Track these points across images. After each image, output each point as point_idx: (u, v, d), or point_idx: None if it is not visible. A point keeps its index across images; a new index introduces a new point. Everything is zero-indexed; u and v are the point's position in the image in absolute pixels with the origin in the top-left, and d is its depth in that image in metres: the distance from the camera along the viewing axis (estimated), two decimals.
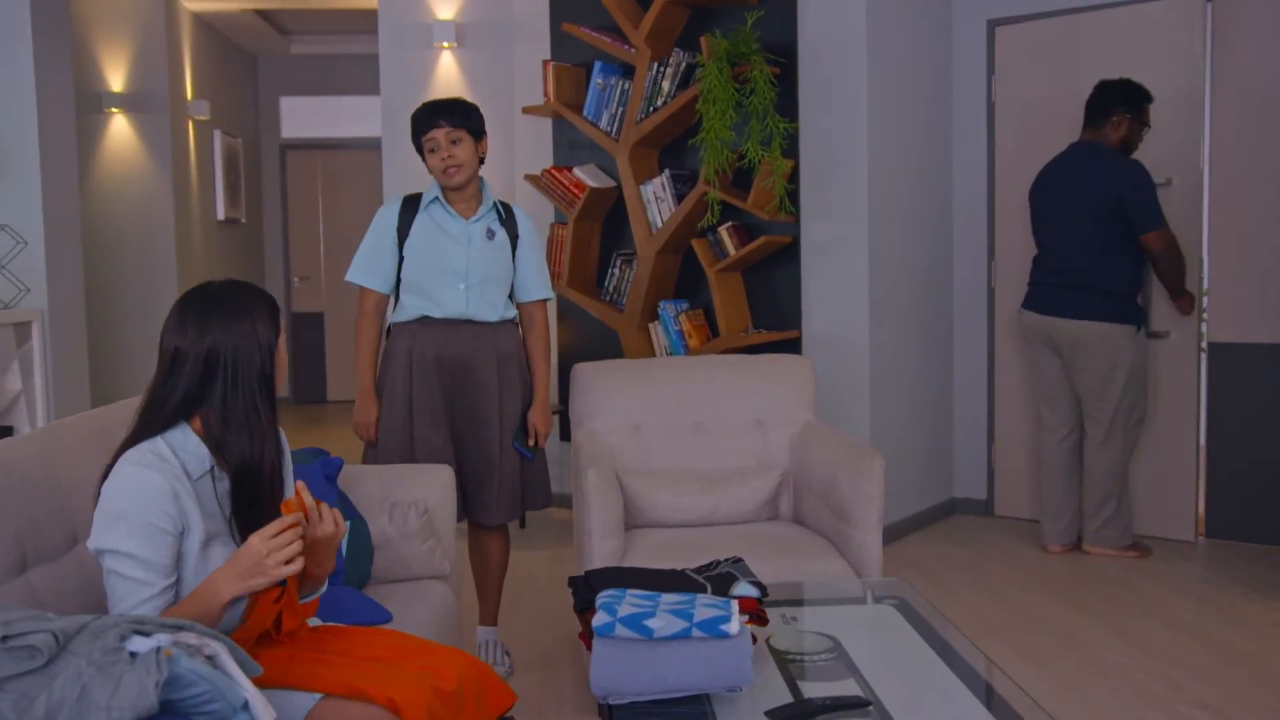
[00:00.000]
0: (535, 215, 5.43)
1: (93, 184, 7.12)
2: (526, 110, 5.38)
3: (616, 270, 5.16)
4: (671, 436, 3.61)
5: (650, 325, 5.04)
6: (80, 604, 2.04)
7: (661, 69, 4.84)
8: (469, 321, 3.27)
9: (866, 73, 4.63)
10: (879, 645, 2.26)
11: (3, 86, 5.31)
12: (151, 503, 1.83)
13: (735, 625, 1.86)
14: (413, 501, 2.84)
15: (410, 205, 3.28)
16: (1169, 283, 4.59)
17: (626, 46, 4.96)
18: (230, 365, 1.91)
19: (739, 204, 4.67)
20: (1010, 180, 5.12)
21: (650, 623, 1.86)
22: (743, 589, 2.13)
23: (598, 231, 5.29)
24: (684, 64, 4.79)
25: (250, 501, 1.93)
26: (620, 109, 5.00)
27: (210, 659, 1.62)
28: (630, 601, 1.94)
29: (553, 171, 5.20)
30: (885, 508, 4.81)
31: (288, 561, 1.78)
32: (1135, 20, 4.83)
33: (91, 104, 7.05)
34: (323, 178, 9.66)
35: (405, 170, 5.70)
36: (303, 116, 9.61)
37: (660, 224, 4.91)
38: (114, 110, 7.07)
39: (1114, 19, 4.87)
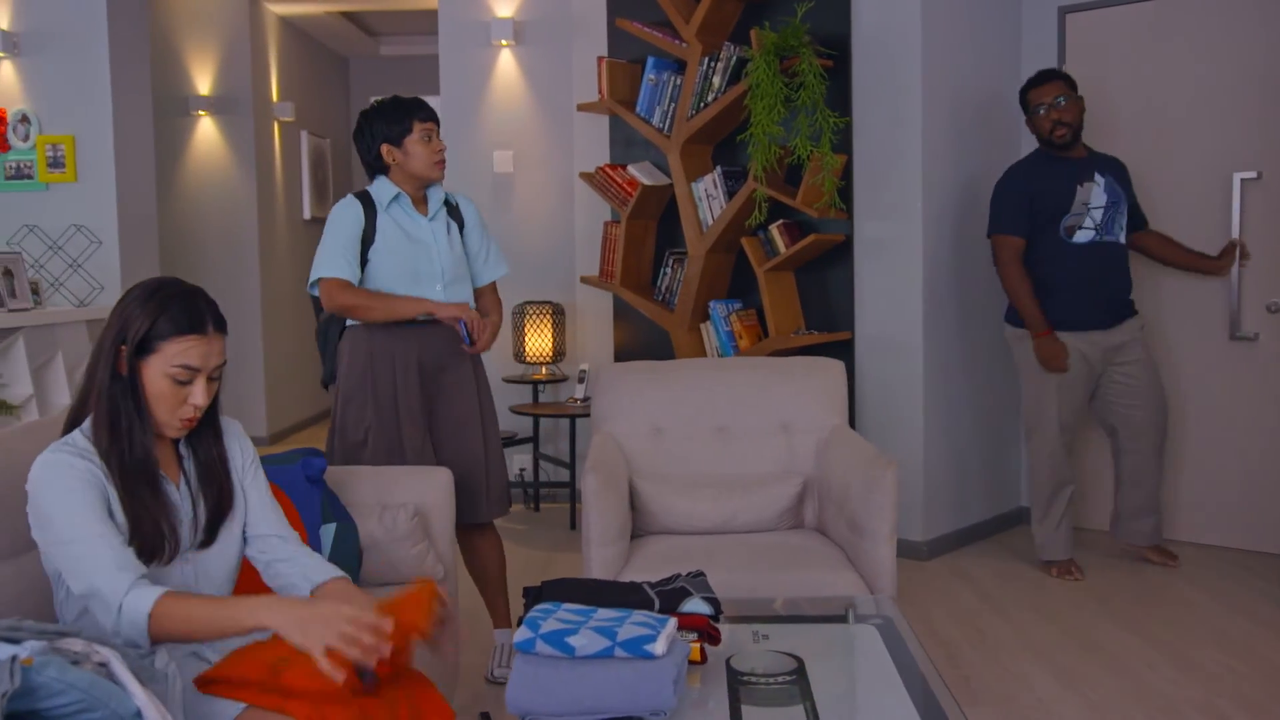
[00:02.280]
0: (591, 213, 5.42)
1: (180, 185, 7.34)
2: (581, 107, 5.34)
3: (669, 269, 5.08)
4: (693, 441, 3.52)
5: (702, 325, 4.94)
6: (29, 605, 2.05)
7: (712, 64, 4.73)
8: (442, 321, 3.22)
9: (921, 63, 4.46)
10: (845, 669, 2.14)
11: (80, 91, 5.50)
12: (68, 475, 1.84)
13: (661, 646, 1.77)
14: (402, 504, 2.81)
15: (368, 206, 3.15)
16: (1015, 305, 4.30)
17: (678, 41, 4.87)
18: (98, 345, 1.92)
19: (788, 201, 4.53)
20: None
21: (572, 640, 1.79)
22: (693, 605, 2.04)
23: (653, 230, 5.21)
24: (735, 58, 4.68)
25: (121, 490, 1.89)
26: (672, 105, 4.91)
27: (102, 666, 1.61)
28: (558, 617, 1.86)
29: (606, 169, 5.14)
30: (939, 517, 4.68)
31: (339, 655, 1.64)
32: (1218, 6, 4.55)
33: (178, 107, 7.25)
34: None
35: (461, 169, 5.72)
36: None
37: (711, 222, 4.81)
38: (200, 113, 7.27)
39: (1195, 5, 4.59)
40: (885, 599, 2.56)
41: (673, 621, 1.87)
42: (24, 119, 5.52)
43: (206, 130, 7.32)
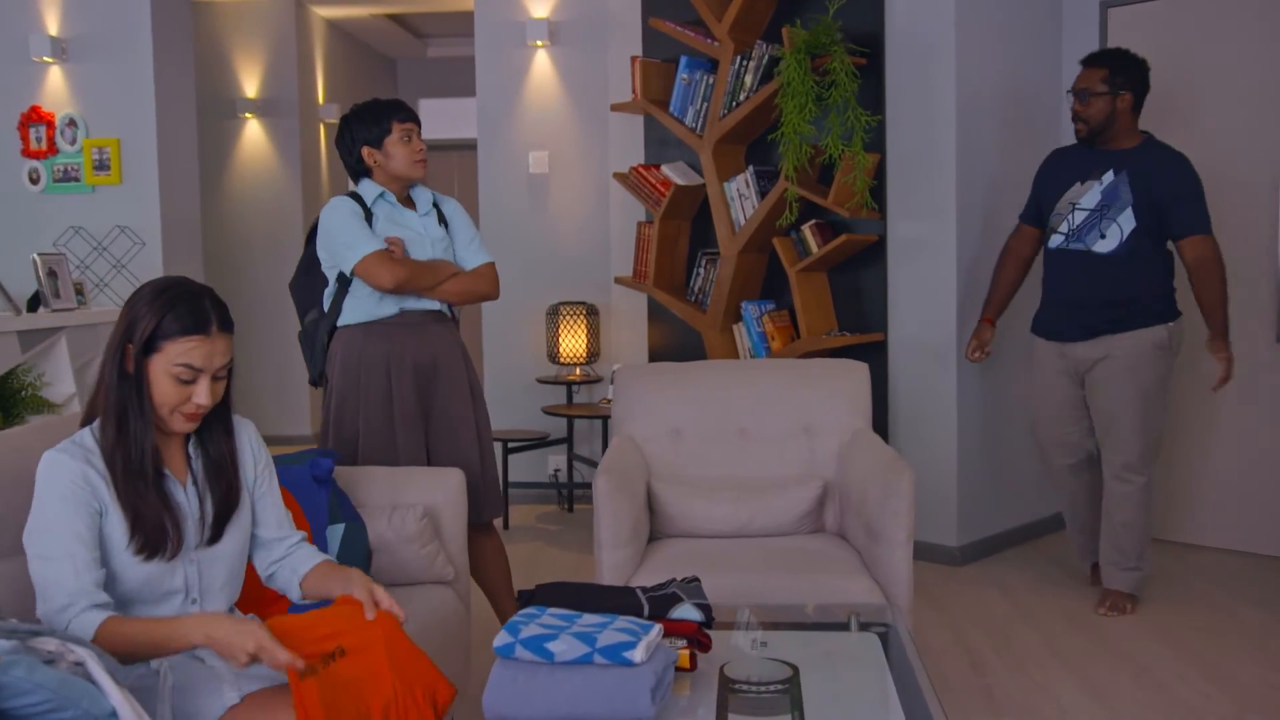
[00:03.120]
0: (626, 213, 5.40)
1: (226, 186, 7.45)
2: (615, 107, 5.32)
3: (702, 270, 5.04)
4: (713, 443, 3.48)
5: (734, 326, 4.90)
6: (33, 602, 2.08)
7: (744, 62, 4.69)
8: (438, 320, 3.22)
9: (955, 60, 4.38)
10: (839, 678, 2.09)
11: (125, 95, 5.61)
12: (59, 483, 1.87)
13: (640, 653, 1.75)
14: (411, 504, 2.81)
15: (361, 205, 3.16)
16: None
17: (711, 40, 4.83)
18: (109, 343, 1.94)
19: (820, 201, 4.48)
20: None
21: (552, 645, 1.77)
22: (684, 612, 2.01)
23: (686, 231, 5.17)
24: (767, 57, 4.63)
25: (122, 485, 1.91)
26: (705, 104, 4.88)
27: (79, 665, 1.62)
28: (540, 622, 1.84)
29: (640, 169, 5.11)
30: (973, 522, 4.60)
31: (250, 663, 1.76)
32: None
33: (226, 110, 7.37)
34: (460, 177, 9.84)
35: (497, 170, 5.75)
36: (441, 118, 9.79)
37: (743, 222, 4.77)
38: (248, 115, 7.38)
39: None
40: (891, 607, 2.51)
41: (656, 628, 1.85)
42: (71, 123, 5.64)
43: (253, 132, 7.42)
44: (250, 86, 7.42)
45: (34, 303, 5.00)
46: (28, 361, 4.75)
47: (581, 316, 5.52)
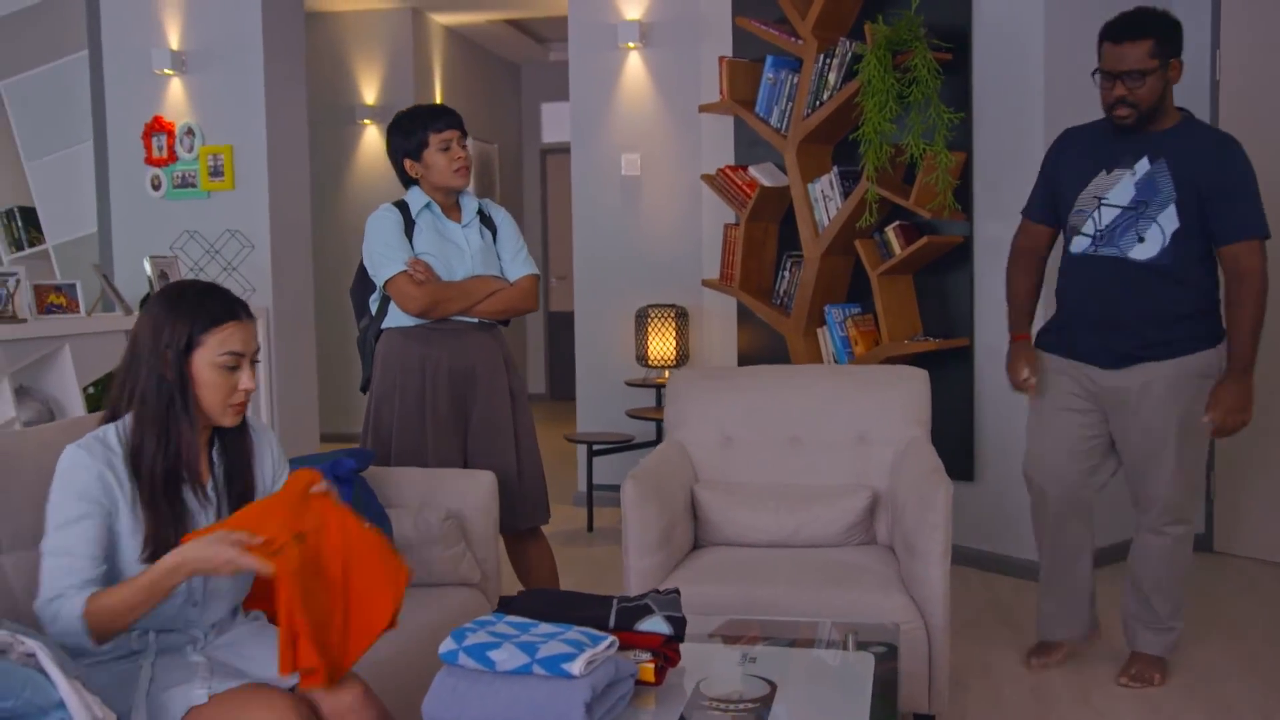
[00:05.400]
0: (717, 215, 5.35)
1: (346, 190, 7.69)
2: (703, 108, 5.26)
3: (787, 272, 4.95)
4: (764, 450, 3.41)
5: (818, 331, 4.80)
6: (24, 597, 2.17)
7: (828, 60, 4.58)
8: (479, 327, 3.25)
9: (1044, 54, 4.19)
10: (816, 699, 2.01)
11: (237, 103, 5.84)
12: (75, 480, 1.92)
13: (579, 666, 1.72)
14: (436, 505, 2.83)
15: (405, 214, 3.21)
16: None
17: (795, 39, 4.74)
18: (132, 354, 1.98)
19: (901, 202, 4.35)
20: None
21: (494, 654, 1.75)
22: (651, 624, 1.96)
23: (774, 233, 5.09)
24: (850, 54, 4.51)
25: (159, 491, 1.96)
26: (790, 104, 4.79)
27: (30, 657, 1.68)
28: (491, 629, 1.83)
29: (727, 171, 5.06)
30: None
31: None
32: None
33: (345, 116, 7.62)
34: None
35: (589, 173, 5.77)
36: (563, 121, 9.91)
37: (827, 223, 4.66)
38: (366, 122, 7.61)
39: None
40: (896, 627, 2.41)
41: (607, 641, 1.81)
42: (189, 131, 5.90)
43: (371, 138, 7.65)
44: (369, 93, 7.64)
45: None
46: None
47: (671, 319, 5.49)
